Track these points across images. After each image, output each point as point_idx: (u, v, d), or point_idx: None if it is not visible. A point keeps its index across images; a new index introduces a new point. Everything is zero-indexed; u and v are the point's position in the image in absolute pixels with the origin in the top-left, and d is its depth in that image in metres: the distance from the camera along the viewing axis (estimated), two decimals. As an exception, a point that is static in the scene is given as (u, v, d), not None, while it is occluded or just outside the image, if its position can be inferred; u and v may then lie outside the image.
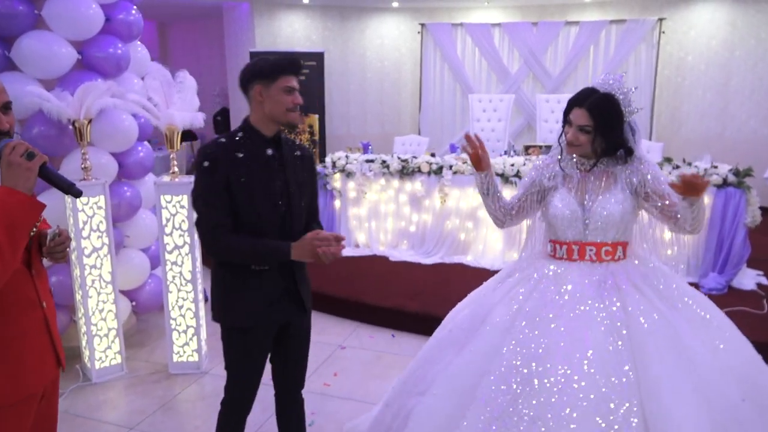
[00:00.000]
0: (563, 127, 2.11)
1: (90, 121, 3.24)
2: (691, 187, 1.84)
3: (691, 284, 4.41)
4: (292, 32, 8.42)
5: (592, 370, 1.75)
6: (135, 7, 3.72)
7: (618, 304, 1.92)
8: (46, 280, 1.72)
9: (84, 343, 3.41)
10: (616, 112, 1.99)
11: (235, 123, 9.11)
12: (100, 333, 3.39)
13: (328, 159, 5.72)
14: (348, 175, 5.56)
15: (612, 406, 1.70)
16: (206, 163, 1.89)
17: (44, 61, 3.21)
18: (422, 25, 8.38)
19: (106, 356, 3.43)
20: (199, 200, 1.94)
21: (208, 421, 2.92)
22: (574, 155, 2.12)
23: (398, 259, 5.34)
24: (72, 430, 2.92)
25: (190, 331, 3.46)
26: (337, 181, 5.63)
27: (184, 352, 3.48)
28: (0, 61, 3.19)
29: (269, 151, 1.97)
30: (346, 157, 5.64)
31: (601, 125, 1.99)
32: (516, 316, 1.99)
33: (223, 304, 2.02)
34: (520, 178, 4.95)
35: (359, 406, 3.11)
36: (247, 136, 1.96)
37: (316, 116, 8.10)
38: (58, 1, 3.21)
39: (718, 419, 1.70)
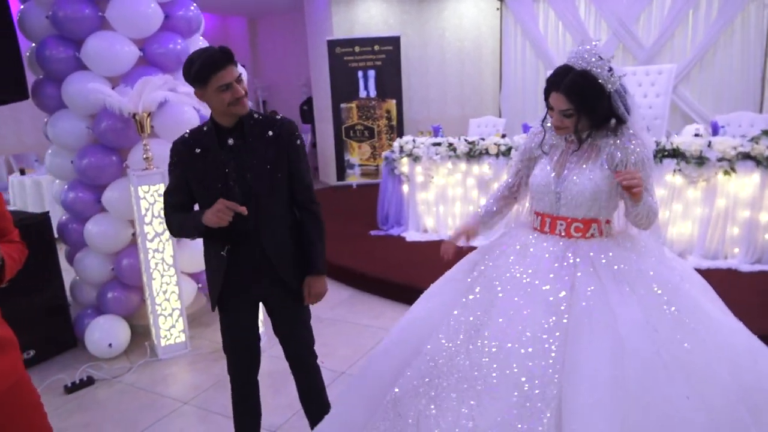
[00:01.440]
0: (547, 110, 1.96)
1: (150, 114, 3.44)
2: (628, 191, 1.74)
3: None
4: (368, 18, 8.43)
5: (524, 347, 1.71)
6: (194, 3, 3.87)
7: (568, 283, 1.80)
8: None
9: (151, 321, 3.67)
10: (594, 88, 1.81)
11: (318, 113, 9.32)
12: (165, 313, 3.62)
13: (395, 143, 5.69)
14: (415, 159, 5.50)
15: (527, 380, 1.66)
16: (170, 160, 2.12)
17: (108, 59, 3.44)
18: (501, 1, 8.06)
19: (171, 334, 3.66)
20: (165, 193, 2.18)
21: (253, 399, 3.04)
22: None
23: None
24: (132, 401, 3.16)
25: (246, 313, 3.60)
26: (404, 165, 5.59)
27: (241, 332, 3.64)
28: (71, 62, 3.47)
29: (230, 141, 2.04)
30: (413, 141, 5.57)
31: (582, 105, 1.83)
32: (474, 281, 1.98)
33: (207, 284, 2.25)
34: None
35: (402, 392, 3.08)
36: (211, 130, 2.06)
37: (394, 101, 8.11)
38: (119, 2, 3.43)
39: (635, 412, 1.55)
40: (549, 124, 1.98)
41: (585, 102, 1.82)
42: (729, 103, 7.09)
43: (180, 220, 2.10)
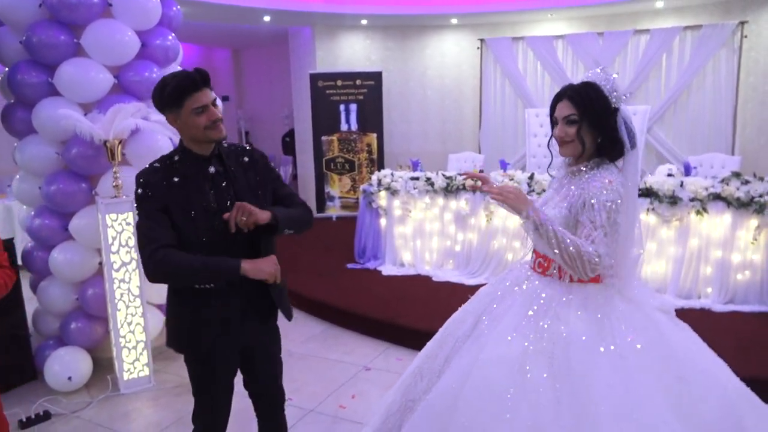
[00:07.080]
0: (552, 131, 1.95)
1: (121, 142, 3.40)
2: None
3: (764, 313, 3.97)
4: (352, 53, 8.54)
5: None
6: (172, 33, 3.87)
7: (485, 321, 1.93)
8: None
9: (114, 354, 3.54)
10: (599, 97, 1.81)
11: (299, 145, 9.33)
12: (129, 345, 3.51)
13: (374, 177, 5.69)
14: (393, 193, 5.50)
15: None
16: (140, 191, 1.86)
17: (82, 86, 3.41)
18: (481, 40, 8.23)
19: (135, 368, 3.54)
20: (139, 227, 1.86)
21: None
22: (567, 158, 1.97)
23: (442, 279, 5.18)
24: (89, 439, 3.03)
25: (213, 347, 3.50)
26: (382, 199, 5.58)
27: (207, 367, 3.52)
28: (44, 87, 3.43)
29: (212, 169, 1.92)
30: (392, 174, 5.58)
31: (586, 110, 1.81)
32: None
33: (178, 333, 2.01)
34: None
35: None
36: (184, 158, 1.91)
37: (374, 135, 8.15)
38: (95, 29, 3.42)
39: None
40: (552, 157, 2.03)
41: (590, 106, 1.81)
42: (702, 145, 7.24)
43: (190, 260, 1.79)
